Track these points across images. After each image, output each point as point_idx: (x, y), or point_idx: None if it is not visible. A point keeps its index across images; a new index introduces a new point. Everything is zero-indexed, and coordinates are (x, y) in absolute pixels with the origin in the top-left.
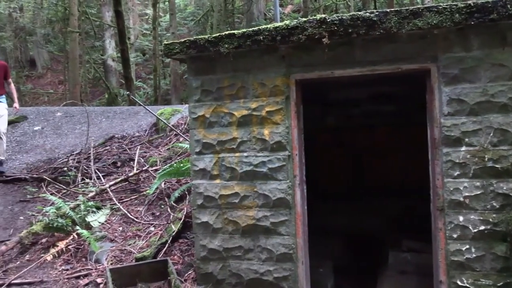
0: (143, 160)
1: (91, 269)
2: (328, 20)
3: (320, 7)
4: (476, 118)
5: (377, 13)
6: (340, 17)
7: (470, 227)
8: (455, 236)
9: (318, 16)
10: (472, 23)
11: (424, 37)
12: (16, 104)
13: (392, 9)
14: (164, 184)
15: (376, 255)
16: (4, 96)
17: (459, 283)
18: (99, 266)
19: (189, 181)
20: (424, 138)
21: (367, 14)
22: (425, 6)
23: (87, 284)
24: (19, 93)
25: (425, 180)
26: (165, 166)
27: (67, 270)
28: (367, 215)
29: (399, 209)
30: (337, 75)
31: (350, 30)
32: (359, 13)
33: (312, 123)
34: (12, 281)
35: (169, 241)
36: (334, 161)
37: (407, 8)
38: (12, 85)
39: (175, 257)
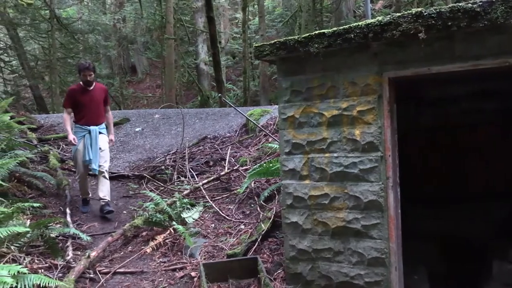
0: (233, 160)
1: (186, 263)
2: (425, 14)
3: (414, 1)
4: None
5: (480, 3)
6: (438, 10)
7: None
8: None
9: (413, 10)
10: None
11: None
12: (111, 136)
13: None
14: (254, 183)
15: (476, 263)
16: (104, 125)
17: None
18: (193, 260)
19: (278, 181)
20: None
21: (469, 5)
22: None
23: (182, 277)
24: (122, 97)
25: None
26: (255, 166)
27: (164, 262)
28: (466, 220)
29: (504, 215)
30: (435, 71)
31: (449, 24)
32: (460, 4)
33: (406, 123)
34: (117, 270)
35: (258, 240)
36: (431, 162)
37: None
38: (110, 114)
39: (265, 255)
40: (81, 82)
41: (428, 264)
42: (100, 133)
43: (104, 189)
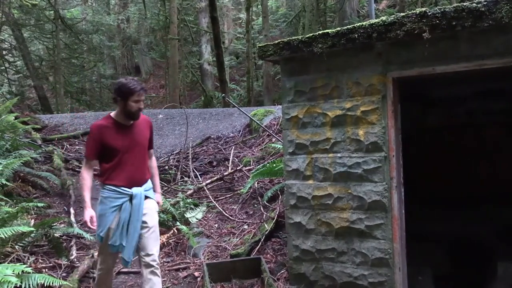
0: (237, 160)
1: (189, 263)
2: (429, 14)
3: (418, 1)
4: None
5: (485, 3)
6: (442, 10)
7: None
8: None
9: (418, 10)
10: None
11: None
12: (158, 197)
13: None
14: (257, 183)
15: (482, 265)
16: (150, 183)
17: None
18: (197, 260)
19: (281, 181)
20: None
21: (474, 4)
22: None
23: (185, 277)
24: None
25: None
26: (258, 166)
27: (168, 262)
28: (472, 222)
29: (510, 216)
30: (440, 71)
31: (454, 23)
32: (464, 4)
33: (411, 123)
34: (121, 270)
35: (262, 240)
36: (436, 163)
37: None
38: (154, 160)
39: (268, 255)
40: (112, 116)
41: (433, 265)
42: (146, 197)
43: None
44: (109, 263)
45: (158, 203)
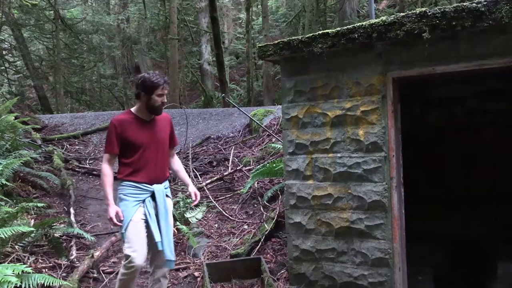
0: (237, 160)
1: (189, 263)
2: (429, 14)
3: (418, 1)
4: None
5: (485, 3)
6: (442, 10)
7: None
8: None
9: (418, 10)
10: None
11: None
12: (192, 188)
13: None
14: (257, 183)
15: (482, 265)
16: (167, 182)
17: None
18: (196, 260)
19: (281, 181)
20: None
21: (474, 4)
22: None
23: (185, 277)
24: (126, 98)
25: None
26: (258, 166)
27: None
28: (472, 222)
29: (510, 217)
30: (440, 71)
31: (453, 23)
32: (464, 4)
33: (410, 123)
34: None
35: (262, 240)
36: (436, 163)
37: None
38: (177, 159)
39: (268, 255)
40: (133, 111)
41: (433, 265)
42: (166, 196)
43: None
44: (139, 263)
45: (195, 194)
